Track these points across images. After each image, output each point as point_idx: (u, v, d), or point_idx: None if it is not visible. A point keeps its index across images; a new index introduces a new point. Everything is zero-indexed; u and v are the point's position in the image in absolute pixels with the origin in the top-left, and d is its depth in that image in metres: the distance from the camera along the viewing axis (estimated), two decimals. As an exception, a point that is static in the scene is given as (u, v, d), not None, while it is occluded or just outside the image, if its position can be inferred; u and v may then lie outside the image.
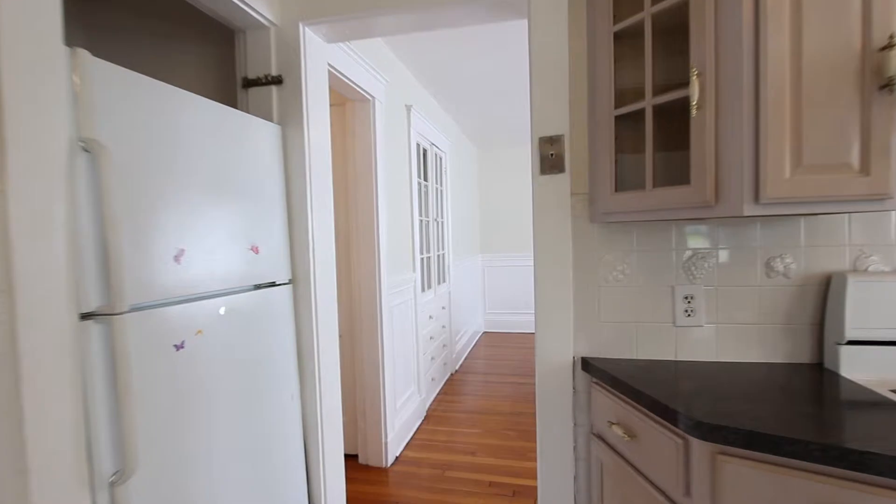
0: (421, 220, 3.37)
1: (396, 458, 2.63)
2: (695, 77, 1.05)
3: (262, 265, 1.42)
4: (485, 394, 3.64)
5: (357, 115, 2.45)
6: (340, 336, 2.53)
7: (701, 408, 0.99)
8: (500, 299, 6.01)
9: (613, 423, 1.21)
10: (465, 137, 5.16)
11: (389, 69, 2.68)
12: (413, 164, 3.07)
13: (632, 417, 1.16)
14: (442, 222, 4.00)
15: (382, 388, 2.51)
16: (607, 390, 1.29)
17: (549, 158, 1.38)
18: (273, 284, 1.48)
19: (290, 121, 1.57)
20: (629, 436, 1.15)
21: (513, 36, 2.68)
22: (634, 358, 1.37)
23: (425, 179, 3.52)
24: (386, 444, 2.53)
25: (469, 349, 5.03)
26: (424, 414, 3.21)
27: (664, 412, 1.02)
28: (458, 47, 2.78)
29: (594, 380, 1.36)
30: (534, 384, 4.08)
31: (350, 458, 2.60)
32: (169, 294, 1.08)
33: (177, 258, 1.10)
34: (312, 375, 1.59)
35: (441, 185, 3.97)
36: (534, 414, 3.23)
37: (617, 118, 1.27)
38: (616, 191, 1.27)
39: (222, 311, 1.24)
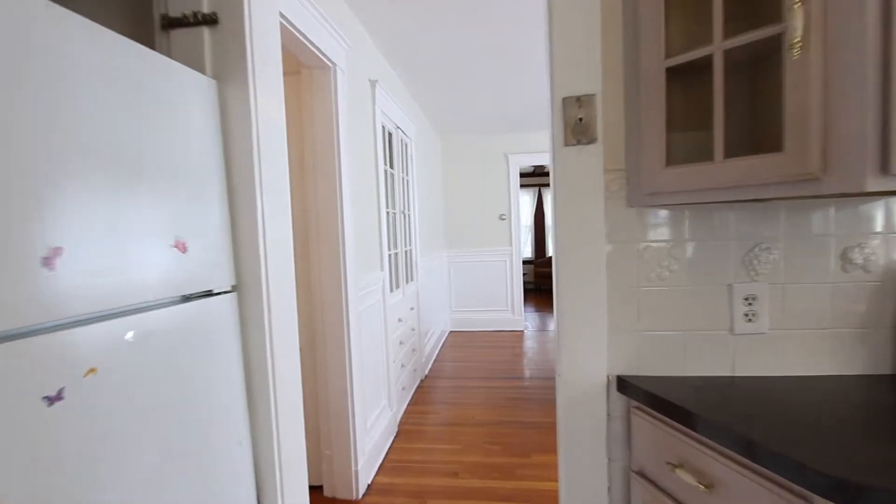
0: (388, 213, 3.01)
1: (368, 486, 2.28)
2: (797, 6, 0.78)
3: (192, 268, 1.03)
4: (458, 401, 3.34)
5: (316, 85, 2.06)
6: (300, 351, 2.14)
7: (827, 455, 0.72)
8: (465, 297, 5.73)
9: (677, 466, 0.93)
10: (428, 125, 4.81)
11: (351, 34, 2.30)
12: (379, 148, 2.70)
13: (703, 458, 0.89)
14: (409, 215, 3.65)
15: (351, 408, 2.15)
16: (656, 418, 1.01)
17: (577, 125, 1.08)
18: (209, 294, 1.09)
19: (229, 76, 1.17)
20: (705, 485, 0.87)
21: (484, 14, 2.38)
22: (683, 375, 1.11)
23: (391, 167, 3.16)
24: (356, 472, 2.17)
25: (437, 351, 4.72)
26: (396, 429, 2.87)
27: (773, 460, 0.75)
28: (428, 17, 2.43)
29: (635, 404, 1.08)
30: (508, 387, 3.88)
31: (314, 491, 2.21)
32: (33, 317, 0.69)
33: (48, 261, 0.71)
34: (267, 410, 1.21)
35: (407, 174, 3.61)
36: (515, 422, 2.99)
37: (669, 72, 0.98)
38: (668, 165, 0.99)
39: (129, 336, 0.85)
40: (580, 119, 1.08)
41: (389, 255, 3.02)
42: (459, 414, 3.11)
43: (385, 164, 2.95)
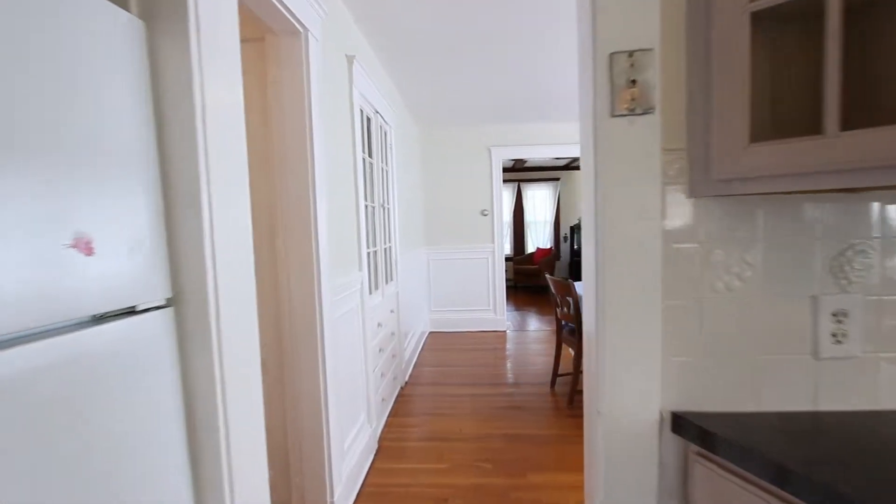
0: (367, 206, 2.72)
1: (345, 518, 2.00)
2: None
3: (105, 276, 0.73)
4: (443, 412, 3.09)
5: (284, 54, 1.75)
6: (264, 368, 1.84)
7: None
8: (445, 296, 5.48)
9: (773, 544, 0.70)
10: (408, 113, 4.52)
11: (327, 0, 1.99)
12: (357, 133, 2.41)
13: (813, 537, 0.66)
14: (389, 209, 3.36)
15: (326, 430, 1.86)
16: (725, 468, 0.78)
17: (628, 88, 0.83)
18: (132, 311, 0.79)
19: (161, 15, 0.87)
20: (823, 578, 0.64)
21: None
22: (754, 410, 0.88)
23: (370, 156, 2.86)
24: (332, 503, 1.88)
25: (417, 354, 4.45)
26: (377, 446, 2.59)
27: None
28: (418, -20, 2.15)
29: (695, 448, 0.84)
30: (495, 395, 3.63)
31: (281, 526, 1.92)
32: None
33: None
34: (216, 460, 0.92)
35: (387, 164, 3.32)
36: (506, 435, 2.74)
37: (755, 18, 0.74)
38: (754, 142, 0.75)
39: (-15, 388, 0.56)
40: (632, 81, 0.83)
41: (368, 254, 2.73)
42: (445, 426, 2.85)
43: (364, 152, 2.65)
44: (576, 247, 8.68)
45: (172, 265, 0.89)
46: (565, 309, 3.18)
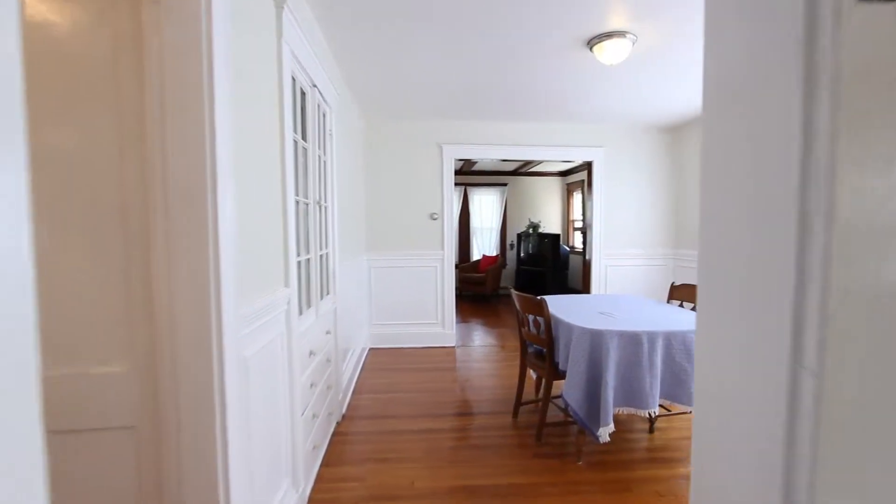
0: (298, 203, 2.13)
1: None
2: None
3: None
4: (388, 455, 2.54)
5: (167, -37, 1.15)
6: (131, 439, 1.21)
7: None
8: (389, 308, 4.92)
9: None
10: (351, 98, 3.93)
11: None
12: (287, 104, 1.82)
13: None
14: (326, 207, 2.77)
15: (225, 527, 1.26)
16: None
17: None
18: None
19: None
20: None
21: None
22: None
23: (304, 138, 2.27)
24: None
25: (356, 377, 3.85)
26: (303, 516, 1.99)
27: None
28: None
29: None
30: (452, 429, 3.01)
31: None
32: None
33: None
34: None
35: (325, 153, 2.73)
36: (473, 488, 2.23)
37: None
38: None
39: None
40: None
41: (300, 263, 2.14)
42: (392, 478, 2.31)
43: (296, 132, 2.06)
44: (522, 255, 8.44)
45: None
46: (533, 329, 2.75)
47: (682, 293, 3.14)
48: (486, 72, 3.29)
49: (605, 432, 2.25)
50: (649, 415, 2.42)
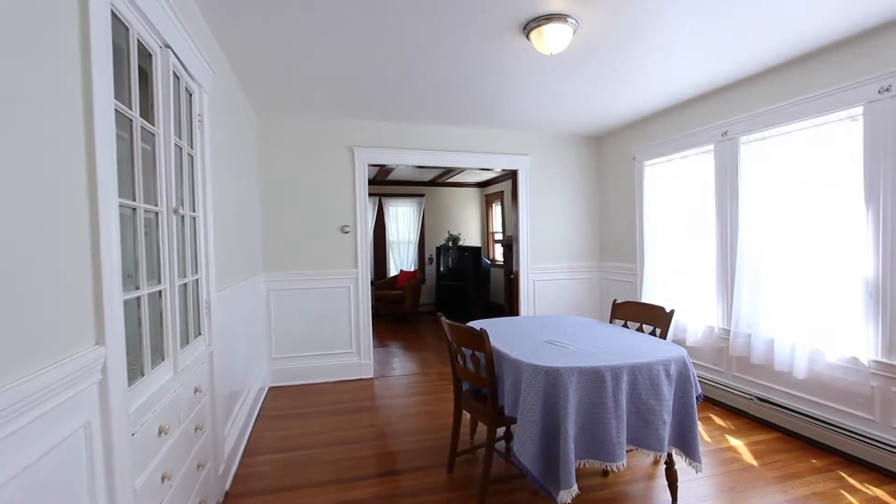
0: (135, 211, 1.42)
1: None
2: None
3: None
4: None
5: None
6: None
7: None
8: (292, 337, 4.16)
9: None
10: (239, 88, 3.20)
11: None
12: (99, 51, 1.14)
13: None
14: (195, 218, 2.04)
15: None
16: None
17: None
18: None
19: None
20: None
21: None
22: None
23: (149, 119, 1.56)
24: None
25: (249, 432, 3.07)
26: None
27: None
28: None
29: None
30: (377, 498, 2.15)
31: None
32: None
33: None
34: None
35: (192, 146, 2.02)
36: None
37: None
38: None
39: None
40: None
41: (136, 301, 1.43)
42: None
43: (129, 105, 1.37)
44: (442, 269, 8.02)
45: None
46: (470, 366, 2.26)
47: (626, 311, 2.86)
48: (403, 60, 2.79)
49: (566, 496, 1.79)
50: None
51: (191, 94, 2.02)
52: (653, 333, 2.58)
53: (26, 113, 0.90)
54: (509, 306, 6.70)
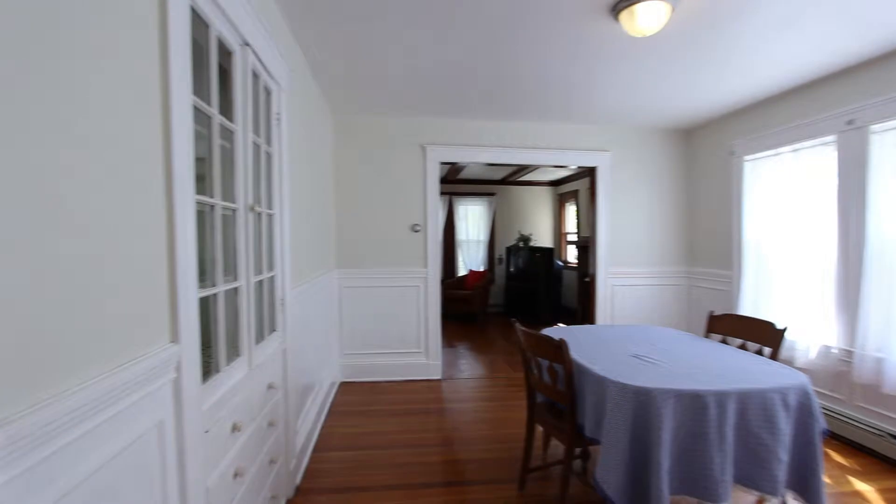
0: (213, 208, 1.43)
1: None
2: None
3: None
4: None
5: None
6: None
7: None
8: (362, 335, 4.19)
9: None
10: (315, 87, 3.26)
11: None
12: (177, 46, 1.13)
13: None
14: (272, 216, 2.07)
15: None
16: None
17: None
18: None
19: None
20: None
21: None
22: None
23: (229, 117, 1.57)
24: None
25: (320, 427, 3.11)
26: None
27: None
28: None
29: None
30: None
31: None
32: None
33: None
34: None
35: (270, 144, 2.04)
36: None
37: None
38: None
39: None
40: None
41: (208, 299, 1.43)
42: None
43: (208, 102, 1.37)
44: (512, 269, 7.81)
45: None
46: (547, 378, 2.08)
47: (725, 326, 2.52)
48: (478, 52, 2.66)
49: (657, 535, 1.57)
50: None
51: (269, 93, 2.03)
52: (758, 353, 2.24)
53: (103, 110, 0.88)
54: (583, 311, 6.35)
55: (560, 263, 7.84)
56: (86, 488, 0.81)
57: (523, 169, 7.16)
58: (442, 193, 7.81)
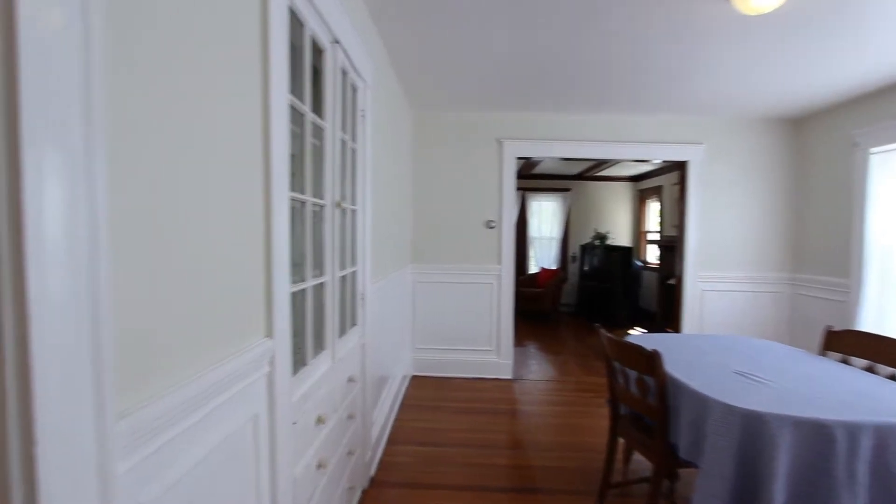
0: (304, 204, 1.46)
1: None
2: None
3: None
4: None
5: None
6: None
7: None
8: (434, 330, 4.21)
9: None
10: (396, 82, 3.28)
11: None
12: (277, 46, 1.15)
13: None
14: (355, 212, 2.10)
15: None
16: None
17: None
18: None
19: None
20: None
21: None
22: None
23: (319, 114, 1.60)
24: None
25: (393, 419, 3.16)
26: None
27: None
28: None
29: None
30: None
31: None
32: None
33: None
34: None
35: (354, 139, 2.06)
36: None
37: None
38: None
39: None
40: None
41: (293, 295, 1.46)
42: None
43: (300, 99, 1.40)
44: (586, 268, 7.49)
45: None
46: (636, 390, 1.93)
47: (848, 343, 2.20)
48: (568, 36, 2.52)
49: (767, 578, 1.39)
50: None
51: (355, 90, 2.06)
52: (893, 378, 1.93)
53: (213, 108, 0.90)
54: (664, 316, 5.93)
55: (639, 263, 7.40)
56: (189, 479, 0.84)
57: (601, 164, 6.82)
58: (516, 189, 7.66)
